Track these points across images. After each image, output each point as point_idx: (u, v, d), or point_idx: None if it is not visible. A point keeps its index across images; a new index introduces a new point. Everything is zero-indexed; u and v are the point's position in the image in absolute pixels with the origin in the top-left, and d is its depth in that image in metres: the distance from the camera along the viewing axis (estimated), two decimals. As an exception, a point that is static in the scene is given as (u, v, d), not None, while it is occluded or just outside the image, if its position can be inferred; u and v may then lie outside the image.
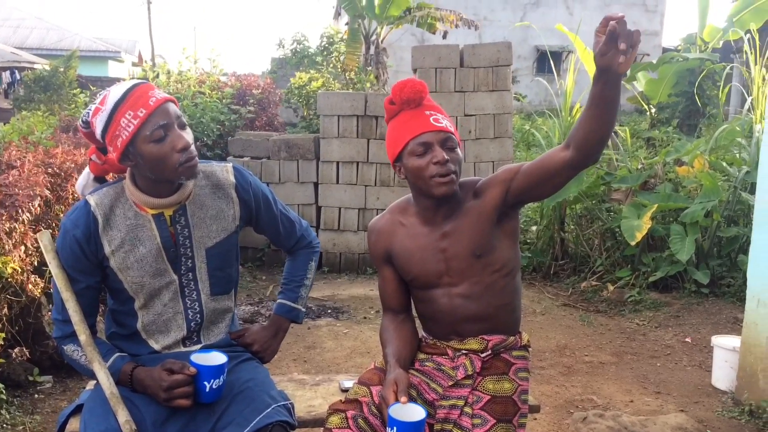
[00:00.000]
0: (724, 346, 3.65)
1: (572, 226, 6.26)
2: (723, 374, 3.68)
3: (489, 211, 1.84)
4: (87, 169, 1.87)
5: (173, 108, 1.71)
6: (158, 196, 1.76)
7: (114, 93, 1.68)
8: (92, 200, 1.77)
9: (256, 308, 5.04)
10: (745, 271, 5.04)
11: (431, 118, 1.80)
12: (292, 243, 2.09)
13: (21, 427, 3.07)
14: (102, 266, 1.78)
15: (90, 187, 1.87)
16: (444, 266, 1.87)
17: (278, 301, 2.08)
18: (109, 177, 1.92)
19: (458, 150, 1.82)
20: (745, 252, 5.22)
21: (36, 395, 3.41)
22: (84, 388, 3.52)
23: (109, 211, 1.76)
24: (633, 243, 5.13)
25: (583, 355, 4.22)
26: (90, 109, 1.74)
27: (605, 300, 5.29)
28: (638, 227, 5.13)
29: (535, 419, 3.21)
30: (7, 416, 3.12)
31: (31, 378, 3.45)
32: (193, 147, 1.72)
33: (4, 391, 3.13)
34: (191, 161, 1.70)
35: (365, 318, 4.92)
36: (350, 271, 6.33)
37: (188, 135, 1.72)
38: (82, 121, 1.78)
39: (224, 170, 1.89)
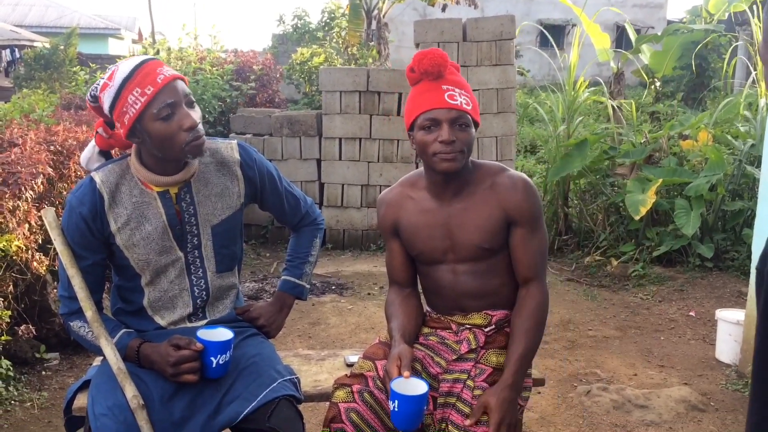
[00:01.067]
0: (728, 319, 3.66)
1: (576, 201, 6.24)
2: (727, 347, 3.69)
3: (499, 217, 1.83)
4: (92, 142, 1.86)
5: (182, 86, 1.69)
6: (164, 173, 1.75)
7: (122, 69, 1.67)
8: (98, 177, 1.76)
9: (261, 285, 5.05)
10: (749, 244, 5.03)
11: (446, 94, 1.76)
12: (296, 220, 2.08)
13: (29, 404, 3.10)
14: (108, 243, 1.78)
15: (94, 161, 1.87)
16: (449, 243, 1.87)
17: (282, 277, 2.08)
18: (114, 152, 1.91)
19: (471, 130, 1.79)
20: (750, 226, 5.21)
21: (43, 372, 3.44)
22: (91, 364, 3.56)
23: (115, 189, 1.76)
24: (637, 218, 5.12)
25: (587, 329, 4.23)
26: (99, 84, 1.72)
27: (609, 275, 5.29)
28: (643, 202, 5.11)
29: (539, 393, 3.23)
30: (15, 393, 3.14)
31: (38, 355, 3.47)
32: (200, 126, 1.71)
33: (11, 368, 3.15)
34: (198, 140, 1.70)
35: (369, 294, 4.94)
36: (354, 247, 6.33)
37: (196, 113, 1.71)
38: (91, 95, 1.77)
39: (229, 147, 1.87)
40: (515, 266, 1.85)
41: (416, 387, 1.62)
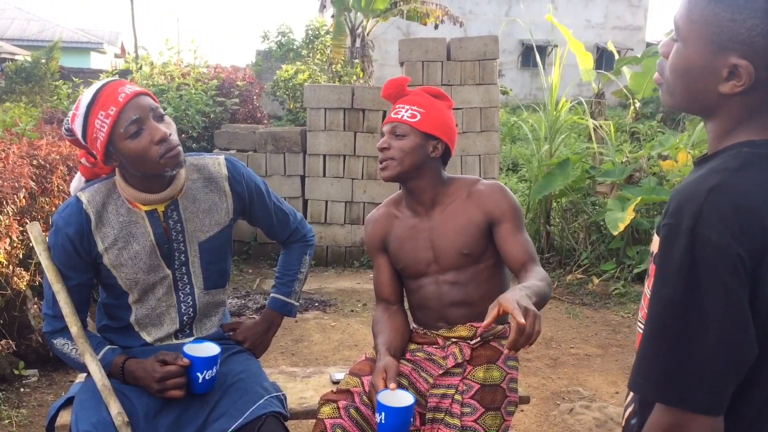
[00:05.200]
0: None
1: (558, 220, 6.30)
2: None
3: (480, 221, 1.89)
4: (78, 174, 1.86)
5: (146, 100, 1.67)
6: (150, 191, 1.74)
7: (86, 96, 1.67)
8: (84, 197, 1.74)
9: (243, 301, 5.02)
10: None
11: (393, 112, 1.91)
12: (285, 235, 2.08)
13: (7, 421, 3.05)
14: (95, 263, 1.76)
15: None
16: (432, 255, 1.93)
17: (272, 295, 2.07)
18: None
19: (410, 138, 1.87)
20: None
21: (22, 389, 3.38)
22: (71, 381, 3.52)
23: (102, 208, 1.74)
24: (616, 233, 5.17)
25: (569, 347, 4.25)
26: (68, 116, 1.72)
27: (590, 293, 5.33)
28: (621, 219, 5.16)
29: (522, 411, 3.24)
30: (-7, 410, 3.09)
31: (16, 371, 3.42)
32: (173, 136, 1.68)
33: (-11, 385, 3.10)
34: (172, 151, 1.66)
35: (352, 311, 4.93)
36: (337, 264, 6.33)
37: (166, 125, 1.68)
38: (65, 129, 1.75)
39: (216, 163, 1.87)
40: (507, 261, 1.85)
41: (402, 399, 1.63)
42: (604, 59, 20.41)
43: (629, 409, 1.15)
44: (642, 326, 1.10)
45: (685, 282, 0.94)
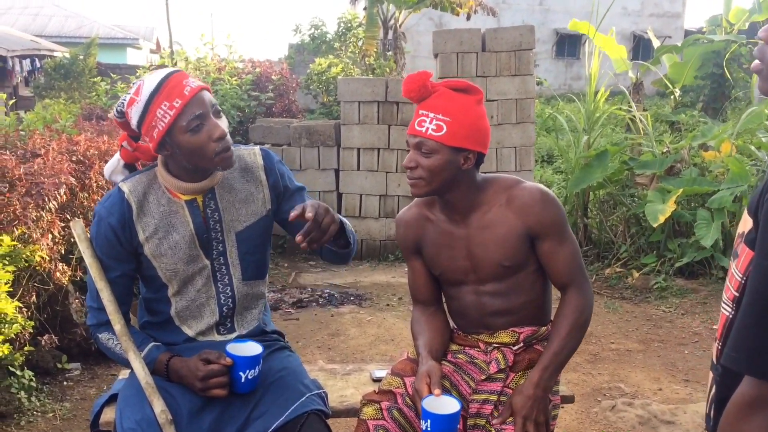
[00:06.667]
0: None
1: (595, 212, 6.19)
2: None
3: (520, 233, 1.78)
4: (117, 155, 1.87)
5: (208, 96, 1.69)
6: (191, 181, 1.76)
7: (149, 83, 1.67)
8: (125, 187, 1.76)
9: (279, 295, 5.04)
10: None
11: (418, 120, 1.73)
12: None
13: (51, 414, 3.11)
14: (136, 253, 1.77)
15: (118, 173, 1.87)
16: (470, 265, 1.83)
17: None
18: (138, 165, 1.91)
19: (438, 156, 1.70)
20: (774, 238, 5.14)
21: (65, 382, 3.44)
22: (112, 375, 3.57)
23: (143, 198, 1.76)
24: (655, 225, 5.06)
25: (609, 342, 4.18)
26: (125, 99, 1.72)
27: (630, 287, 5.23)
28: (662, 210, 5.06)
29: (563, 408, 3.18)
30: (37, 403, 3.15)
31: (59, 365, 3.48)
32: (228, 136, 1.70)
33: (34, 379, 3.16)
34: (227, 151, 1.69)
35: (388, 305, 4.91)
36: (372, 258, 6.32)
37: (224, 123, 1.71)
38: (117, 111, 1.77)
39: (252, 153, 1.87)
40: (550, 277, 1.83)
41: (448, 405, 1.59)
42: (641, 48, 20.04)
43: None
44: (727, 307, 1.11)
45: None
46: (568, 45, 21.04)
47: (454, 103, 1.73)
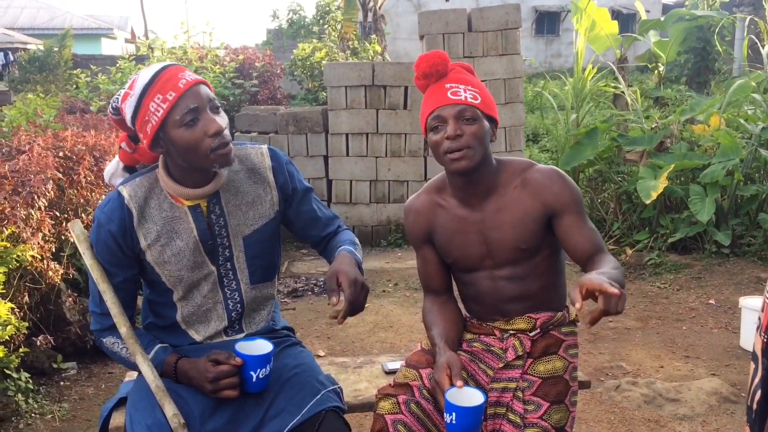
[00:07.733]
0: (753, 307, 3.60)
1: (586, 190, 6.18)
2: (752, 336, 3.64)
3: (538, 214, 1.74)
4: (116, 158, 1.80)
5: (205, 90, 1.61)
6: (193, 186, 1.67)
7: (143, 76, 1.59)
8: (125, 192, 1.68)
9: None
10: (765, 229, 4.99)
11: (449, 91, 1.70)
12: (331, 229, 1.90)
13: (50, 416, 3.05)
14: (139, 259, 1.70)
15: (118, 176, 1.80)
16: (486, 250, 1.80)
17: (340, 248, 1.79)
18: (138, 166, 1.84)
19: (481, 123, 1.70)
20: (766, 210, 5.17)
21: (62, 382, 3.38)
22: (110, 373, 3.51)
23: (144, 203, 1.68)
24: (648, 202, 5.06)
25: (608, 320, 4.17)
26: (119, 95, 1.65)
27: (624, 264, 5.23)
28: (654, 187, 5.06)
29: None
30: (35, 405, 3.08)
31: (55, 365, 3.41)
32: (227, 132, 1.62)
33: (30, 381, 3.09)
34: (224, 147, 1.59)
35: (384, 291, 4.88)
36: (364, 244, 6.26)
37: (221, 119, 1.62)
38: (112, 107, 1.69)
39: (259, 153, 1.78)
40: (574, 254, 1.74)
41: (472, 397, 1.56)
42: (620, 23, 20.04)
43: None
44: None
45: None
46: (548, 22, 21.00)
47: (474, 79, 1.77)
